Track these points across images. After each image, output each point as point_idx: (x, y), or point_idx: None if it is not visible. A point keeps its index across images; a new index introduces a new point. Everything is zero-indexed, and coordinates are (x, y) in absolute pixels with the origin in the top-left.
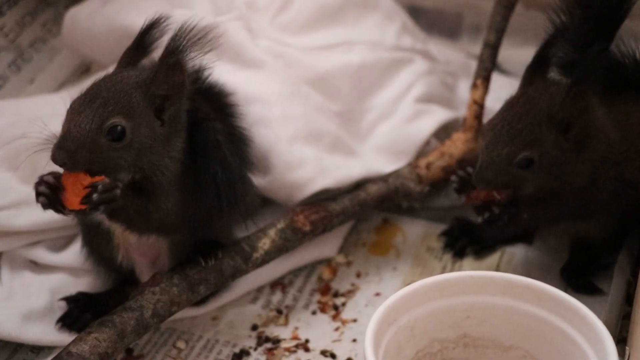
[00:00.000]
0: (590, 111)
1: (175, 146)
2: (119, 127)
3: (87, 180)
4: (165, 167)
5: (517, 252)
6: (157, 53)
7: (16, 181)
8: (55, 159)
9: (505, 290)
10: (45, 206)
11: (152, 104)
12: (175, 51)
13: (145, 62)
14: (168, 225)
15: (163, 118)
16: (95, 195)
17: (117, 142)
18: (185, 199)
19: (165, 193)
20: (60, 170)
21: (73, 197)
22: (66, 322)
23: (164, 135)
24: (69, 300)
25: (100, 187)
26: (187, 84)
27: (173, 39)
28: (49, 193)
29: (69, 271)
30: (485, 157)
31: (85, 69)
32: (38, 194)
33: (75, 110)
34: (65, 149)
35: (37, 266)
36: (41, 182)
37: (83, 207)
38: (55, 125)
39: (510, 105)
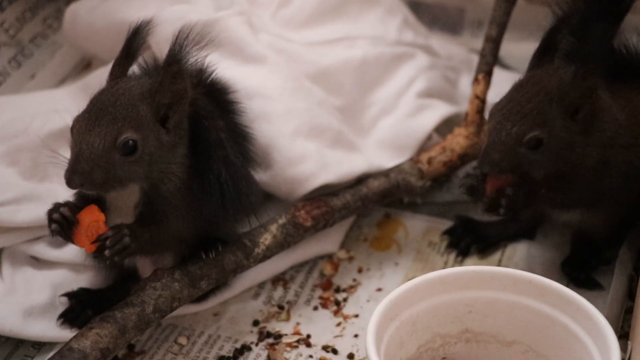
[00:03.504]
0: (597, 92)
1: (181, 151)
2: (131, 141)
3: (102, 227)
4: (174, 174)
5: (519, 247)
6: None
7: (17, 177)
8: (70, 183)
9: (507, 285)
10: (56, 235)
11: (158, 113)
12: (177, 59)
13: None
14: (182, 237)
15: (168, 127)
16: (107, 252)
17: (129, 156)
18: (192, 202)
19: (174, 206)
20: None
21: (85, 239)
22: (68, 318)
23: (170, 143)
24: (71, 296)
25: (109, 241)
26: (190, 89)
27: (173, 46)
28: (64, 224)
29: (70, 267)
30: (492, 138)
31: (86, 65)
32: (51, 221)
33: (83, 129)
34: (80, 171)
35: (38, 262)
36: (57, 210)
37: (93, 248)
38: (56, 121)
39: (519, 86)
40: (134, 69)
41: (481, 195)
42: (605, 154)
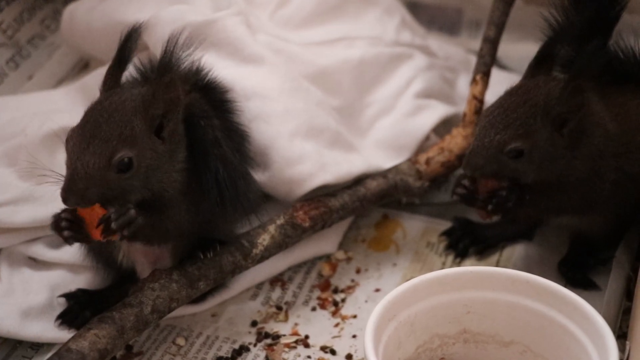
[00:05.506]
0: (586, 107)
1: (179, 156)
2: (126, 159)
3: (102, 211)
4: (174, 180)
5: (517, 247)
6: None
7: (15, 177)
8: (66, 202)
9: (505, 286)
10: (72, 241)
11: (152, 125)
12: (168, 68)
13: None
14: (182, 232)
15: (163, 136)
16: (113, 224)
17: (125, 173)
18: (191, 201)
19: (175, 204)
20: None
21: (94, 230)
22: (66, 318)
23: (166, 151)
24: (69, 296)
25: (113, 215)
26: (182, 96)
27: (164, 55)
28: (74, 229)
29: (68, 268)
30: (477, 143)
31: (84, 65)
32: (61, 229)
33: (78, 147)
34: (75, 190)
35: (36, 263)
36: (60, 219)
37: (107, 237)
38: (54, 121)
39: (509, 94)
40: (131, 70)
41: (475, 200)
42: (594, 165)
